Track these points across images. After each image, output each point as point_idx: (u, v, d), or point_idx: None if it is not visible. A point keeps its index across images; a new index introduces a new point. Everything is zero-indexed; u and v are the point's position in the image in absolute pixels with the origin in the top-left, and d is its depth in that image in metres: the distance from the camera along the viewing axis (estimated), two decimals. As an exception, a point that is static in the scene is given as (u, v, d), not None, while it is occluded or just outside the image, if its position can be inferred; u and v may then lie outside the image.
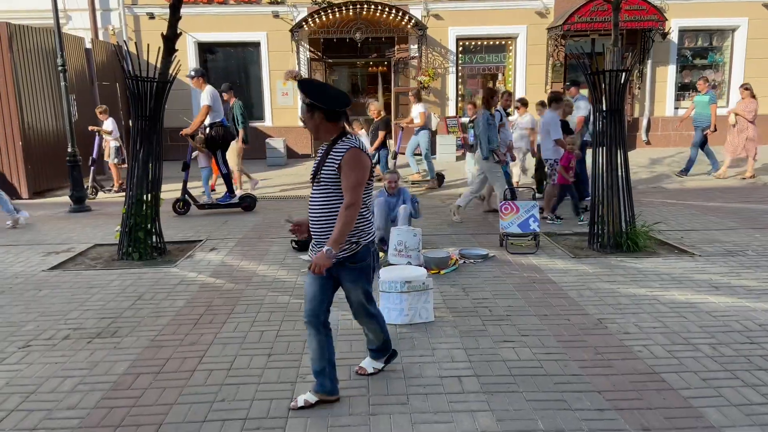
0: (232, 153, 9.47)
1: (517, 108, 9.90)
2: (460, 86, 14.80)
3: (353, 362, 3.62)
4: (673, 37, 14.44)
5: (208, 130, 8.42)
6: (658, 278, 5.15)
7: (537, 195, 9.02)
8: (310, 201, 3.08)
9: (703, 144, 11.21)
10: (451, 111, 14.71)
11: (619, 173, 5.97)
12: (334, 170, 2.96)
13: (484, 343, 3.88)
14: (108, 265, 5.96)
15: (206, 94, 8.44)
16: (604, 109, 5.96)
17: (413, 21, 13.60)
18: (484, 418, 2.98)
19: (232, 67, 15.07)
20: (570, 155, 7.39)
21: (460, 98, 14.83)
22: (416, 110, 10.81)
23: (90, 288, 5.21)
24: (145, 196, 6.08)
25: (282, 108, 14.66)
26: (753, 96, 10.54)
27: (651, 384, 3.29)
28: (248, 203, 8.68)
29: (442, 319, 4.32)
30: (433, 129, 11.14)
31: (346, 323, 4.27)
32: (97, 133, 10.14)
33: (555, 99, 7.78)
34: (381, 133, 9.43)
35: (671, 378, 3.35)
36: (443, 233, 7.01)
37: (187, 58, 14.08)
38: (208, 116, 8.36)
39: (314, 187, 3.08)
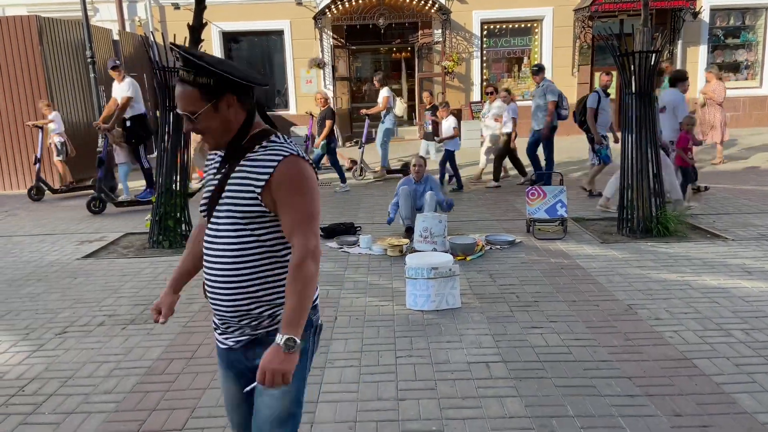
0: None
1: (489, 95, 9.64)
2: (484, 71, 14.65)
3: (381, 348, 3.65)
4: (704, 16, 14.06)
5: (129, 123, 8.14)
6: (690, 263, 5.07)
7: (492, 184, 9.03)
8: (207, 248, 1.84)
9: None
10: (475, 96, 14.58)
11: (649, 156, 5.86)
12: (254, 196, 1.73)
13: (511, 329, 3.87)
14: (139, 253, 6.08)
15: (127, 85, 8.22)
16: (633, 91, 5.84)
17: (437, 5, 13.47)
18: (513, 403, 2.98)
19: (256, 56, 15.16)
20: (687, 136, 7.20)
21: (484, 83, 14.68)
22: (380, 96, 10.43)
23: (123, 276, 5.32)
24: (174, 186, 6.17)
25: (306, 95, 14.69)
26: (719, 79, 10.00)
27: (682, 370, 3.25)
28: None
29: (469, 305, 4.33)
30: (399, 114, 10.67)
31: (372, 309, 4.30)
32: (40, 129, 9.34)
33: (680, 78, 7.51)
34: (328, 123, 9.04)
35: (703, 364, 3.31)
36: (469, 219, 6.98)
37: (212, 48, 14.20)
38: (128, 109, 8.11)
39: (211, 226, 1.82)
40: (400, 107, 10.59)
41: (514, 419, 2.84)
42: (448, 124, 8.99)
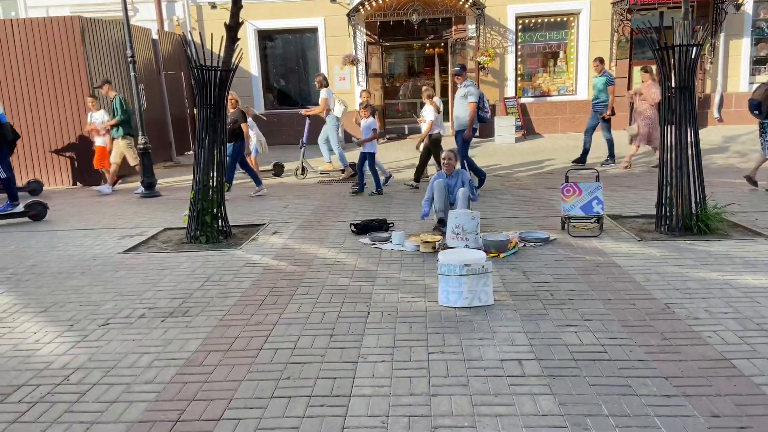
0: (120, 149, 9.45)
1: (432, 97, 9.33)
2: (519, 66, 14.50)
3: (413, 344, 3.67)
4: (747, 8, 13.62)
5: None
6: (730, 262, 4.94)
7: (414, 184, 8.86)
8: None
9: (593, 129, 10.32)
10: (510, 92, 14.45)
11: (689, 152, 5.73)
12: None
13: (545, 327, 3.84)
14: (178, 247, 6.23)
15: None
16: (674, 86, 5.71)
17: (471, 0, 13.38)
18: (546, 401, 2.97)
19: (290, 54, 15.31)
20: None
21: (519, 78, 14.53)
22: (320, 97, 10.32)
23: (162, 269, 5.47)
24: (211, 182, 6.30)
25: (339, 92, 14.75)
26: (653, 79, 9.54)
27: (721, 370, 3.18)
28: (37, 211, 7.82)
29: (501, 302, 4.31)
30: (338, 116, 10.37)
31: (405, 305, 4.32)
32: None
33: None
34: (244, 126, 8.83)
35: (743, 364, 3.23)
36: (502, 216, 6.94)
37: (248, 46, 14.41)
38: None
39: None
40: (339, 109, 10.36)
41: (547, 417, 2.83)
42: (367, 125, 8.75)
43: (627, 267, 4.95)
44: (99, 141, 9.86)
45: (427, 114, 9.01)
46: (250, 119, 9.95)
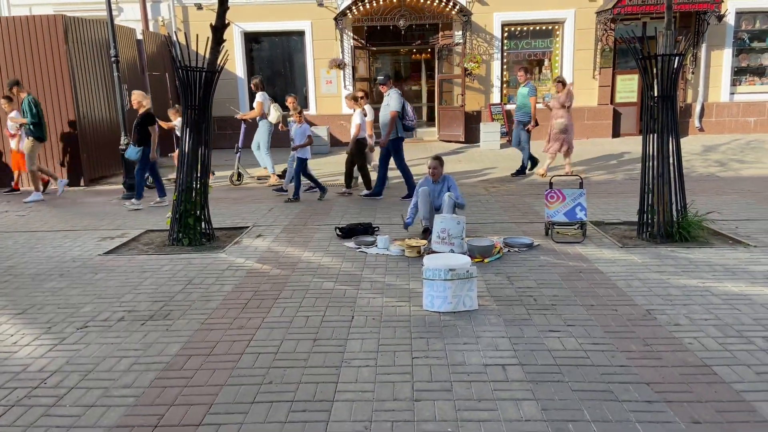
0: (26, 152, 9.16)
1: (360, 99, 9.10)
2: (505, 73, 14.60)
3: (397, 349, 3.66)
4: (730, 19, 13.86)
5: None
6: (711, 269, 5.00)
7: (346, 190, 8.83)
8: None
9: (528, 139, 10.18)
10: (495, 98, 14.53)
11: (671, 161, 5.79)
12: None
13: (528, 333, 3.85)
14: (159, 250, 6.16)
15: None
16: (656, 95, 5.78)
17: (457, 7, 13.46)
18: (529, 406, 2.97)
19: (276, 56, 15.26)
20: None
21: (505, 85, 14.63)
22: (255, 100, 10.05)
23: (143, 272, 5.40)
24: (194, 184, 6.24)
25: (325, 96, 14.76)
26: (564, 85, 9.68)
27: (702, 377, 3.21)
28: None
29: (486, 307, 4.31)
30: (273, 121, 10.03)
31: (389, 310, 4.30)
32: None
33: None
34: (153, 129, 8.36)
35: (723, 371, 3.26)
36: (487, 222, 6.95)
37: (234, 48, 14.34)
38: None
39: None
40: (274, 114, 10.06)
41: (530, 422, 2.83)
42: (301, 131, 8.62)
43: (609, 273, 4.99)
44: (12, 144, 9.57)
45: (355, 118, 8.85)
46: (178, 121, 9.80)
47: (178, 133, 10.08)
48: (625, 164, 10.95)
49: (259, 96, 9.97)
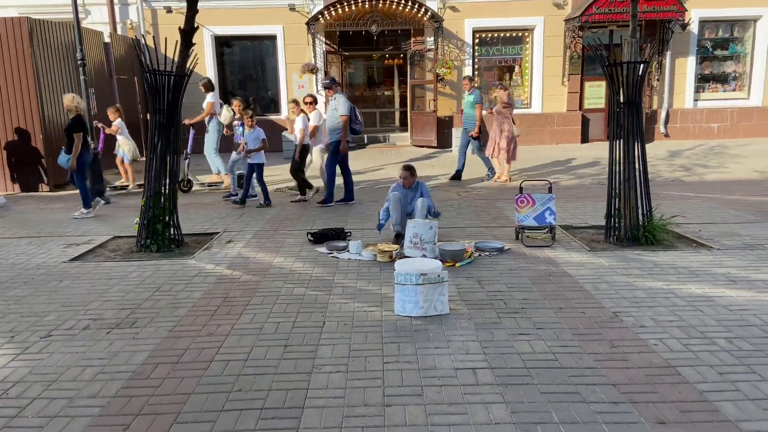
0: None
1: (309, 104, 8.93)
2: (476, 78, 14.72)
3: (368, 354, 3.65)
4: (693, 27, 14.24)
5: None
6: (675, 271, 5.11)
7: (300, 197, 8.71)
8: None
9: (467, 146, 10.29)
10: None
11: (636, 166, 5.92)
12: None
13: (499, 336, 3.88)
14: (127, 256, 6.05)
15: None
16: (622, 101, 5.90)
17: (429, 13, 13.55)
18: (499, 409, 2.99)
19: (248, 60, 15.17)
20: None
21: (499, 89, 14.75)
22: (205, 101, 9.83)
23: (109, 279, 5.29)
24: (163, 189, 6.15)
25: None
26: (505, 90, 9.88)
27: (666, 377, 3.28)
28: None
29: (457, 311, 4.34)
30: (224, 122, 9.70)
31: (361, 315, 4.30)
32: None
33: None
34: (77, 136, 7.83)
35: (687, 372, 3.34)
36: (459, 226, 7.00)
37: (204, 52, 14.21)
38: None
39: None
40: (225, 114, 9.72)
41: (499, 426, 2.85)
42: (254, 136, 8.46)
43: (578, 276, 5.07)
44: None
45: (297, 123, 8.72)
46: (118, 122, 9.64)
47: (118, 137, 9.82)
48: (594, 169, 11.14)
49: (209, 97, 9.79)
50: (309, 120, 8.81)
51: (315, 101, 8.98)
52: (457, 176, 10.36)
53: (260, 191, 8.68)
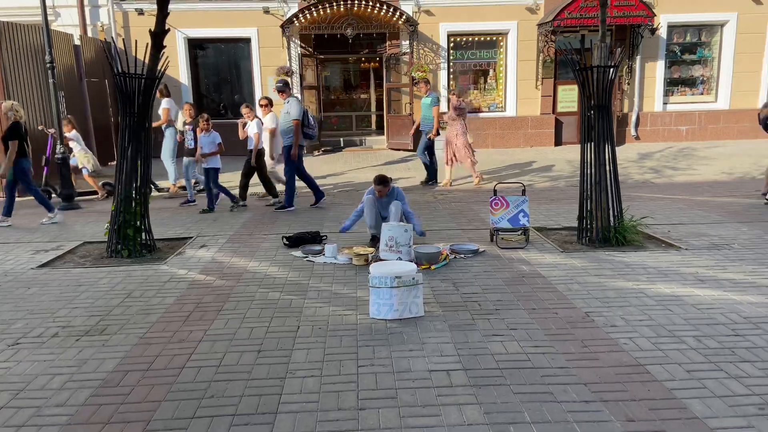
0: None
1: (263, 107, 8.82)
2: (452, 82, 14.82)
3: (343, 357, 3.64)
4: (662, 32, 14.53)
5: None
6: (645, 272, 5.20)
7: (241, 203, 8.55)
8: None
9: (430, 149, 10.32)
10: (443, 107, 14.70)
11: (607, 168, 6.01)
12: None
13: (473, 337, 3.91)
14: (97, 262, 5.94)
15: None
16: (592, 104, 5.99)
17: (404, 17, 13.60)
18: (472, 411, 3.01)
19: (222, 63, 15.05)
20: None
21: (452, 94, 14.85)
22: (161, 107, 9.67)
23: (79, 286, 5.19)
24: (133, 194, 6.06)
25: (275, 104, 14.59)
26: (458, 97, 10.02)
27: (636, 376, 3.33)
28: None
29: (432, 313, 4.35)
30: (181, 128, 9.45)
31: (336, 319, 4.28)
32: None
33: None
34: (13, 144, 7.45)
35: (656, 370, 3.39)
36: (434, 229, 7.03)
37: (177, 55, 14.05)
38: None
39: None
40: (182, 121, 9.44)
41: (472, 426, 2.86)
42: (210, 140, 8.33)
43: (551, 277, 5.12)
44: None
45: (251, 128, 8.63)
46: (72, 133, 9.44)
47: (75, 150, 9.53)
48: (567, 172, 11.29)
49: (165, 102, 9.63)
50: (263, 124, 8.66)
51: (270, 103, 8.83)
52: (432, 178, 10.36)
53: (213, 195, 8.47)
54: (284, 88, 8.33)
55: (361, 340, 3.92)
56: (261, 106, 8.81)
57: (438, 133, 10.18)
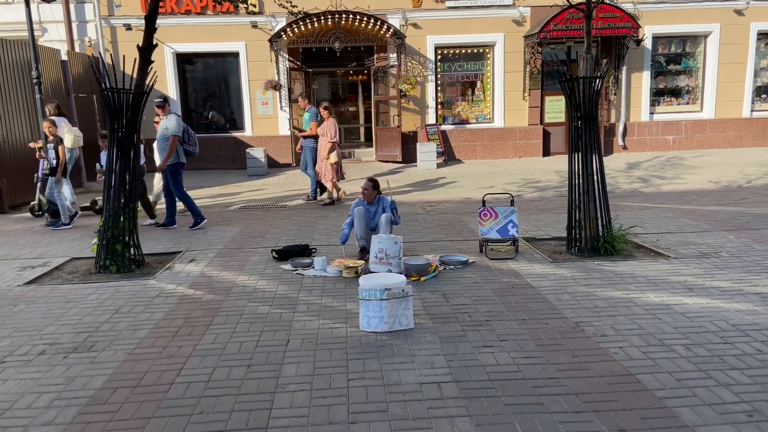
0: None
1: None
2: (439, 94, 14.93)
3: (333, 371, 3.62)
4: (647, 43, 14.73)
5: None
6: (634, 281, 5.23)
7: (150, 222, 8.38)
8: None
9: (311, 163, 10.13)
10: (431, 119, 14.80)
11: (595, 178, 6.06)
12: None
13: (463, 349, 3.90)
14: (85, 278, 5.89)
15: None
16: (579, 115, 6.05)
17: (392, 30, 13.69)
18: (463, 423, 3.00)
19: (211, 78, 15.05)
20: None
21: (439, 106, 14.95)
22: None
23: (66, 302, 5.14)
24: (122, 209, 6.02)
25: (262, 117, 14.65)
26: (331, 115, 9.84)
27: (626, 385, 3.33)
28: None
29: (422, 325, 4.34)
30: (69, 145, 8.99)
31: (326, 332, 4.27)
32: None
33: None
34: None
35: (646, 379, 3.40)
36: (423, 240, 7.04)
37: (166, 69, 14.05)
38: None
39: None
40: (69, 138, 9.01)
41: (464, 439, 2.85)
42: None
43: (540, 288, 5.14)
44: None
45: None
46: (58, 119, 9.03)
47: (57, 122, 8.92)
48: (556, 182, 11.36)
49: (58, 121, 9.03)
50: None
51: (165, 103, 8.30)
52: (315, 196, 10.12)
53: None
54: (162, 104, 8.12)
55: (351, 353, 3.90)
56: (157, 107, 8.28)
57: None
